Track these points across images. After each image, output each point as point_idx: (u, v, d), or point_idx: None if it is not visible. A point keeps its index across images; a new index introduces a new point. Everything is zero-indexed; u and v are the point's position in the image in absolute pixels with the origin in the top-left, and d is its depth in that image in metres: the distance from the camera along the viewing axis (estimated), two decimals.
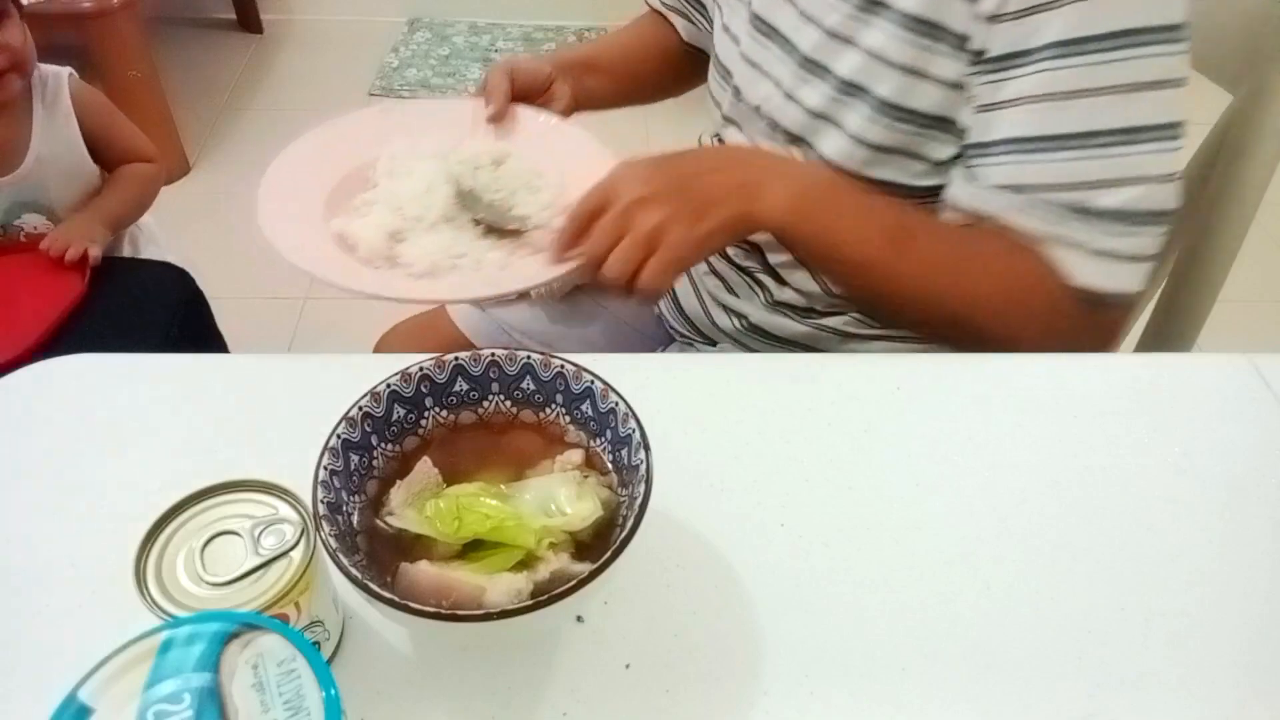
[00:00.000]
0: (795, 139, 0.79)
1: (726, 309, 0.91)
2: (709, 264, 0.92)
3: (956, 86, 0.70)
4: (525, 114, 0.92)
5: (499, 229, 0.83)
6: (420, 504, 0.49)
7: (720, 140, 0.91)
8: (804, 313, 0.86)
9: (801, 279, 0.84)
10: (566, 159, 0.87)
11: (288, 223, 0.76)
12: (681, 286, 0.96)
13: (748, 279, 0.89)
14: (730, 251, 0.89)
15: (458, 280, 0.78)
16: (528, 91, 0.93)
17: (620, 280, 0.66)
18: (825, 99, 0.75)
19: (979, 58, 0.68)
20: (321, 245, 0.77)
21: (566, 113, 0.95)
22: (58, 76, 1.33)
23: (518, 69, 0.93)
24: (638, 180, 0.69)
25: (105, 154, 1.38)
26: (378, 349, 1.05)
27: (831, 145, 0.76)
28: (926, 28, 0.68)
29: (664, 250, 0.66)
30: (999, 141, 0.68)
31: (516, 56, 0.96)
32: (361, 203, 0.84)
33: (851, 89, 0.73)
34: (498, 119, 0.90)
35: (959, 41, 0.68)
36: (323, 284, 0.70)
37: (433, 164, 0.85)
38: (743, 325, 0.90)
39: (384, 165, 0.86)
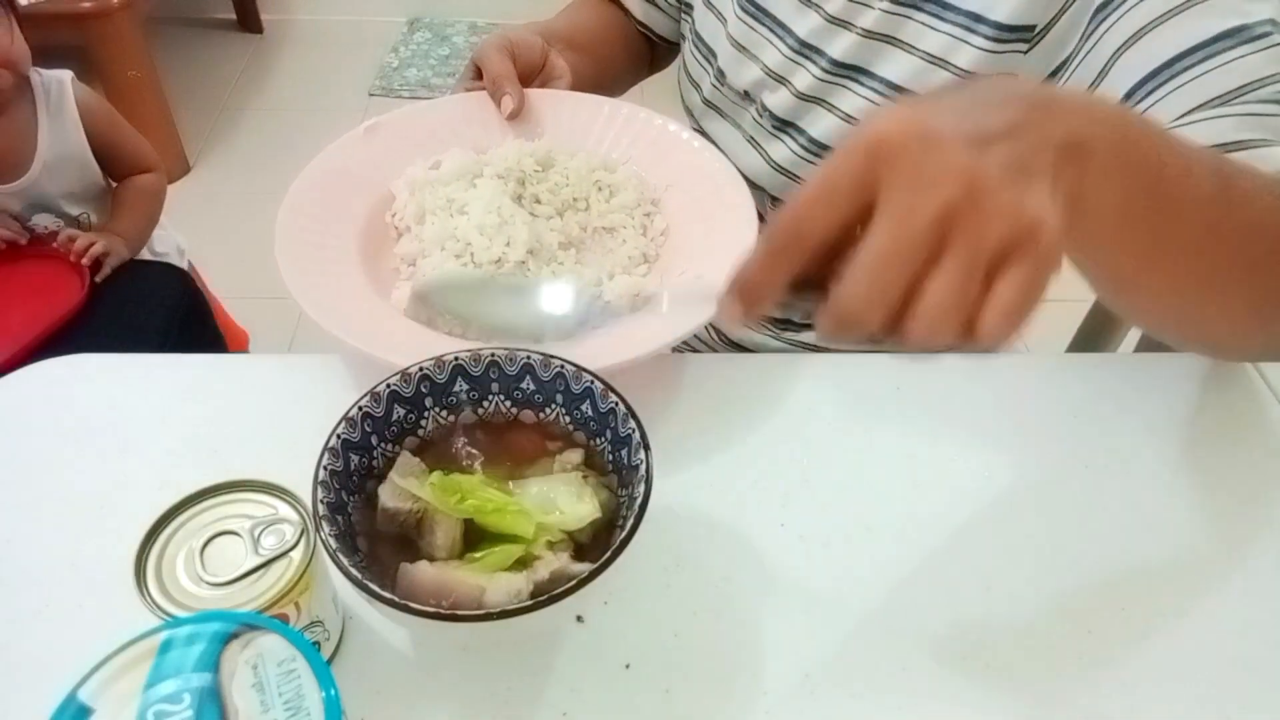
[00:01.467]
0: (784, 123, 0.78)
1: None
2: None
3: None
4: (538, 97, 0.79)
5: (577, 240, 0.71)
6: (422, 477, 0.49)
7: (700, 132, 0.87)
8: (781, 325, 0.85)
9: None
10: (622, 140, 0.72)
11: (349, 314, 0.63)
12: None
13: None
14: None
15: (618, 328, 0.60)
16: (529, 71, 0.82)
17: (953, 329, 0.35)
18: (816, 82, 0.74)
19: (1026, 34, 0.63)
20: (400, 330, 0.62)
21: (570, 89, 0.83)
22: (60, 82, 1.32)
23: (516, 44, 0.81)
24: (919, 137, 0.35)
25: (110, 161, 1.38)
26: None
27: (822, 128, 0.75)
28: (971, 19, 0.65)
29: (1042, 248, 0.35)
30: (1146, 78, 0.57)
31: (507, 34, 0.82)
32: (401, 259, 0.70)
33: (851, 71, 0.72)
34: (518, 113, 0.77)
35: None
36: None
37: (487, 187, 0.70)
38: (722, 340, 0.90)
39: (407, 204, 0.71)
